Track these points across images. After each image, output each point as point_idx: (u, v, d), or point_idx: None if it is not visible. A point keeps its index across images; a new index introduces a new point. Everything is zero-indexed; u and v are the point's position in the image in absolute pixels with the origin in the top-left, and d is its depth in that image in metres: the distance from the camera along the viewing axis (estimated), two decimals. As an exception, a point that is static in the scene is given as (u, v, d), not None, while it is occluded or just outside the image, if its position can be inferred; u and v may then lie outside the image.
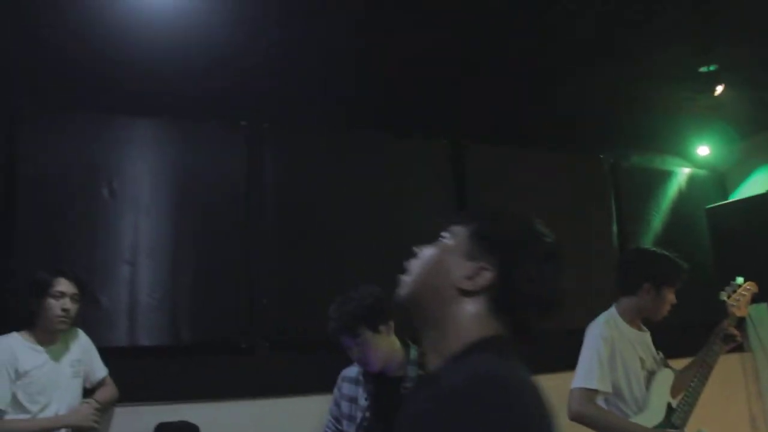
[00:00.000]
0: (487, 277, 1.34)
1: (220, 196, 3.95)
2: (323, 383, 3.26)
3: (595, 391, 3.05)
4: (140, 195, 3.78)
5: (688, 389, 3.22)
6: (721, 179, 5.52)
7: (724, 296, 3.39)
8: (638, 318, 3.30)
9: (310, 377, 3.70)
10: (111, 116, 3.82)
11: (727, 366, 5.08)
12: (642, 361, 3.21)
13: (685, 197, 5.32)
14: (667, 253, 3.28)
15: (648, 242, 4.97)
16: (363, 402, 2.98)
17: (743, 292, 3.40)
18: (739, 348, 5.14)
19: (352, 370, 3.09)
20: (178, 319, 3.70)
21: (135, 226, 3.73)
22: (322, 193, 4.14)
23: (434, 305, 1.37)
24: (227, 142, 4.05)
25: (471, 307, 1.34)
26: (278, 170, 4.11)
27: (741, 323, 3.46)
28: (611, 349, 3.13)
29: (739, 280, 3.43)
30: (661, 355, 3.33)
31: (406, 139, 4.42)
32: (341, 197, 4.16)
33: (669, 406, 3.19)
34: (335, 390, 3.13)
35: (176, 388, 3.60)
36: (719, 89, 4.36)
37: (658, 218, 5.18)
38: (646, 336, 3.32)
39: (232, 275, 3.86)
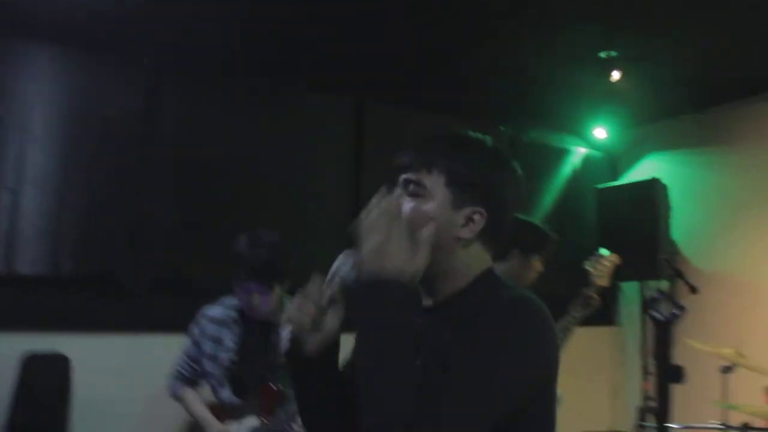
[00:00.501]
0: (480, 220, 1.41)
1: (115, 131, 3.91)
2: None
3: None
4: (30, 122, 3.70)
5: None
6: (613, 162, 5.75)
7: (587, 266, 3.57)
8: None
9: (187, 316, 3.75)
10: (4, 38, 3.71)
11: (596, 338, 5.38)
12: None
13: (578, 176, 5.54)
14: (536, 223, 3.41)
15: (539, 216, 5.15)
16: (230, 344, 3.01)
17: (606, 263, 3.58)
18: (609, 322, 5.45)
19: (216, 310, 3.09)
20: (59, 249, 3.67)
21: (21, 153, 3.66)
22: (220, 137, 4.14)
23: (436, 262, 1.39)
24: (127, 78, 3.99)
25: (469, 250, 1.43)
26: (176, 110, 4.09)
27: (605, 293, 3.64)
28: None
29: (603, 251, 3.61)
30: None
31: (310, 92, 4.44)
32: (239, 143, 4.17)
33: None
34: (194, 329, 3.11)
35: (51, 318, 3.59)
36: (616, 75, 4.53)
37: (551, 193, 5.38)
38: None
39: (120, 210, 3.85)
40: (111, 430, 3.67)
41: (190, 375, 3.14)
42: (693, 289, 4.44)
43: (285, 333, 1.43)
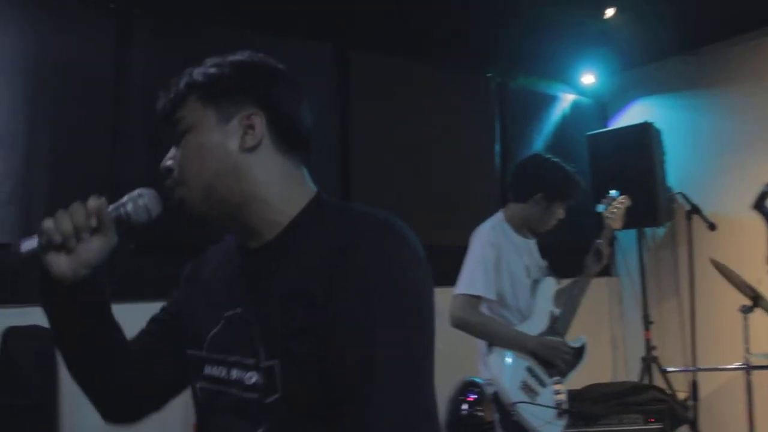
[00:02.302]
0: (260, 120, 1.25)
1: (84, 85, 3.54)
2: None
3: (479, 298, 3.01)
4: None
5: (569, 298, 3.26)
6: (602, 108, 5.59)
7: (600, 209, 3.42)
8: (524, 227, 3.27)
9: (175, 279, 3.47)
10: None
11: (594, 290, 5.23)
12: (527, 269, 3.20)
13: (567, 123, 5.35)
14: (567, 167, 3.23)
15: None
16: None
17: (618, 205, 3.44)
18: (607, 273, 5.32)
19: None
20: (31, 214, 3.34)
21: (-18, 111, 3.30)
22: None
23: (231, 190, 1.24)
24: (94, 25, 3.63)
25: (263, 158, 1.26)
26: (148, 61, 3.74)
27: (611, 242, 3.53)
28: (497, 255, 3.08)
29: (614, 193, 3.47)
30: (545, 263, 3.34)
31: (288, 39, 4.13)
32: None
33: (552, 314, 3.21)
34: None
35: (29, 290, 3.26)
36: (610, 12, 4.35)
37: (541, 141, 5.19)
38: (532, 243, 3.31)
39: (92, 169, 3.51)
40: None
41: None
42: (712, 226, 4.32)
43: (28, 242, 1.24)
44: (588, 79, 5.33)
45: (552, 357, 3.09)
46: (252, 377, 1.21)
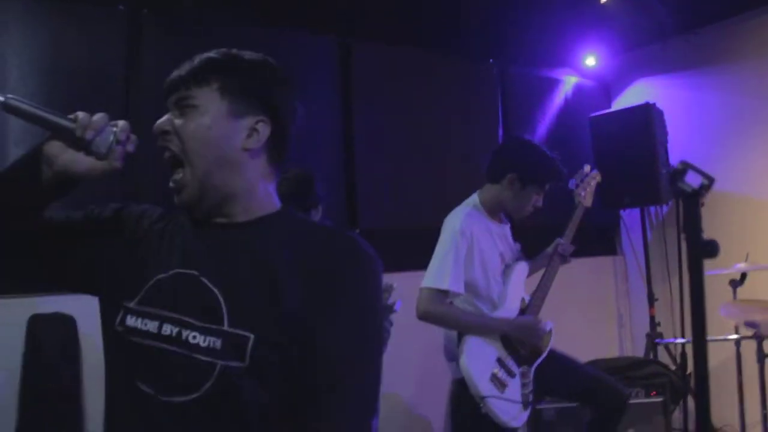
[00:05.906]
0: (264, 129, 1.38)
1: (95, 87, 3.66)
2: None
3: (446, 292, 2.94)
4: (4, 78, 3.49)
5: (538, 284, 3.22)
6: (605, 89, 5.64)
7: (572, 184, 3.37)
8: (499, 210, 3.20)
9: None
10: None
11: (599, 268, 5.37)
12: (502, 256, 3.15)
13: (570, 105, 5.41)
14: (547, 152, 3.16)
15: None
16: None
17: (590, 181, 3.39)
18: (612, 251, 5.44)
19: None
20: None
21: (-1, 112, 3.46)
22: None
23: (225, 181, 1.36)
24: (103, 27, 3.77)
25: (257, 161, 1.39)
26: (158, 62, 3.89)
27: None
28: (469, 244, 3.00)
29: (587, 167, 3.41)
30: (518, 245, 3.31)
31: (291, 34, 4.25)
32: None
33: (523, 301, 3.18)
34: None
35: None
36: (607, -5, 4.44)
37: (544, 125, 5.26)
38: (506, 228, 3.26)
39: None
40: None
41: None
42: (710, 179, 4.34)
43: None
44: (590, 61, 5.38)
45: (528, 336, 3.06)
46: (200, 339, 1.28)
